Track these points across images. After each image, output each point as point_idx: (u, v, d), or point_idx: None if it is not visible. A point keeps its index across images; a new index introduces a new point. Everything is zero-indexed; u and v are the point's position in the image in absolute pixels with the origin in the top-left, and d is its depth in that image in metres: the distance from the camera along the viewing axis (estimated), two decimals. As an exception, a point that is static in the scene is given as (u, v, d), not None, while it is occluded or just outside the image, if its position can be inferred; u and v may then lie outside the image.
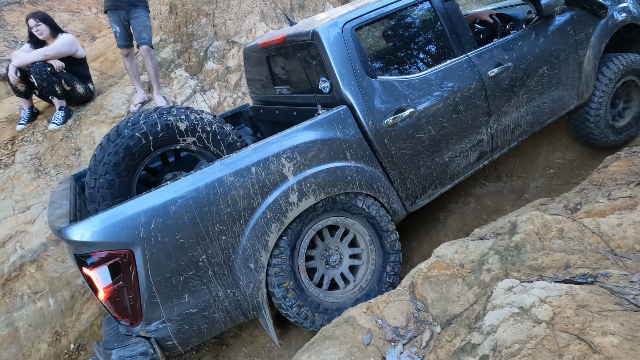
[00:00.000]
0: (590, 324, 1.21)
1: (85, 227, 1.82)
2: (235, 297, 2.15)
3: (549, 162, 4.09)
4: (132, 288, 1.91)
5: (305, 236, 2.36)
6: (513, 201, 3.80)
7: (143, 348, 1.97)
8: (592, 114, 3.44)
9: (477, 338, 1.32)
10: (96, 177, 2.18)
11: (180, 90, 4.68)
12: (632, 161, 2.52)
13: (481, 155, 2.92)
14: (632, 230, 1.65)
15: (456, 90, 2.64)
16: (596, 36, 3.22)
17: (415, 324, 1.80)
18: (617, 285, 1.39)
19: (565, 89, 3.19)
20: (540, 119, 3.16)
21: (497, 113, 2.85)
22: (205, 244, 2.01)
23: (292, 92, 2.95)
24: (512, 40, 2.91)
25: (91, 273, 1.84)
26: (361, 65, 2.43)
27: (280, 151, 2.17)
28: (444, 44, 2.71)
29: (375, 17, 2.53)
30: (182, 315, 2.03)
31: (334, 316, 2.29)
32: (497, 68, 2.79)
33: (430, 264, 2.04)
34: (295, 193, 2.18)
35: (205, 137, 2.35)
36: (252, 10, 5.54)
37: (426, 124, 2.57)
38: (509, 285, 1.49)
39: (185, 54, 5.06)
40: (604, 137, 3.56)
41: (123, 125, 2.23)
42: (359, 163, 2.40)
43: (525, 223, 1.87)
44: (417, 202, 2.74)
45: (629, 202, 1.99)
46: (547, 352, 1.16)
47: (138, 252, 1.88)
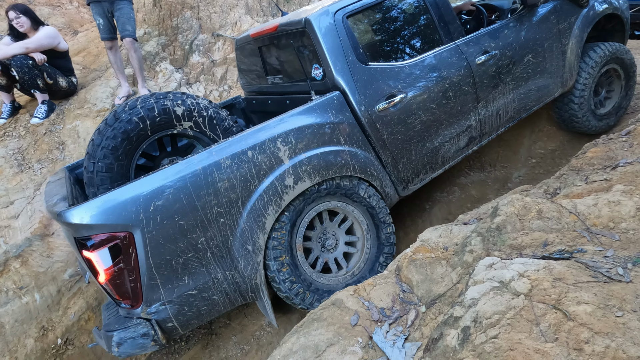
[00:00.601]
0: (565, 294, 1.26)
1: (85, 210, 1.84)
2: (234, 279, 2.18)
3: (531, 152, 4.19)
4: (132, 270, 1.93)
5: (306, 215, 2.42)
6: (497, 190, 3.88)
7: (144, 329, 2.00)
8: (576, 101, 3.54)
9: (459, 311, 1.36)
10: (95, 161, 2.20)
11: (166, 84, 4.65)
12: (608, 147, 2.60)
13: (470, 140, 2.99)
14: (607, 209, 1.72)
15: (445, 77, 2.71)
16: (578, 25, 3.33)
17: (401, 304, 1.85)
18: (592, 260, 1.45)
19: (550, 77, 3.29)
20: (527, 105, 3.25)
21: (485, 99, 2.93)
22: (203, 227, 2.04)
23: (285, 81, 2.99)
24: (498, 29, 2.99)
25: (91, 255, 1.86)
26: (353, 52, 2.48)
27: (276, 135, 2.22)
28: (432, 32, 2.78)
29: (365, 5, 2.60)
30: (182, 297, 2.06)
31: (323, 297, 2.35)
32: (484, 55, 2.86)
33: (415, 248, 2.09)
34: (291, 176, 2.23)
35: (201, 122, 2.39)
36: (237, 3, 5.52)
37: (417, 110, 2.63)
38: (490, 262, 1.54)
39: (170, 47, 5.02)
40: (586, 121, 3.66)
41: (121, 110, 2.25)
42: (352, 147, 2.45)
43: (506, 205, 1.92)
44: (409, 187, 2.81)
45: (605, 184, 2.06)
46: (525, 321, 1.21)
47: (138, 234, 1.91)
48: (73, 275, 3.45)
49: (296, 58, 2.72)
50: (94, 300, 3.50)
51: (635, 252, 1.50)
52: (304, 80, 2.72)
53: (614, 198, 1.76)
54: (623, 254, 1.49)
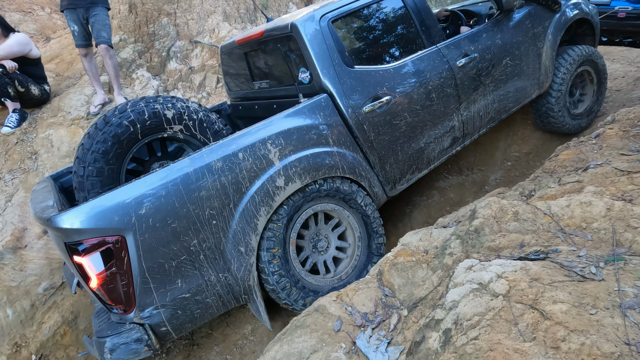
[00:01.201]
0: (542, 294, 1.30)
1: (75, 215, 1.82)
2: (227, 281, 2.18)
3: (507, 155, 4.29)
4: (125, 274, 1.91)
5: (303, 212, 2.44)
6: (474, 193, 3.96)
7: (137, 334, 1.97)
8: (553, 101, 3.68)
9: (440, 314, 1.38)
10: (85, 165, 2.19)
11: (143, 91, 4.59)
12: (579, 149, 2.69)
13: (454, 141, 3.08)
14: (579, 210, 1.77)
15: (428, 79, 2.79)
16: (552, 30, 3.49)
17: (384, 309, 1.86)
18: (566, 260, 1.50)
19: (527, 79, 3.42)
20: (506, 107, 3.36)
21: (466, 101, 3.03)
22: (196, 229, 2.04)
23: (272, 86, 3.02)
24: (476, 33, 3.10)
25: (83, 260, 1.84)
26: (339, 55, 2.54)
27: (266, 137, 2.25)
28: (415, 36, 2.87)
29: (350, 10, 2.67)
30: (175, 301, 2.05)
31: (309, 296, 2.37)
32: (465, 58, 2.96)
33: (396, 252, 2.11)
34: (282, 177, 2.26)
35: (192, 125, 2.40)
36: (215, 10, 5.50)
37: (402, 111, 2.70)
38: (469, 264, 1.57)
39: (146, 54, 4.96)
40: (562, 120, 3.79)
41: (110, 113, 2.25)
42: (341, 148, 2.50)
43: (483, 208, 1.96)
44: (396, 187, 2.86)
45: (577, 186, 2.13)
46: (504, 322, 1.23)
47: (130, 237, 1.89)
48: (48, 289, 3.35)
49: (283, 62, 2.76)
50: (70, 314, 3.40)
51: (606, 251, 1.55)
52: (291, 84, 2.75)
53: (585, 199, 1.81)
54: (595, 253, 1.54)
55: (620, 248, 1.54)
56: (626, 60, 5.92)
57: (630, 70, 5.29)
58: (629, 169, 2.11)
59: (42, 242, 3.51)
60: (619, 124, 2.91)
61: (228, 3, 5.70)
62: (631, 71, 5.22)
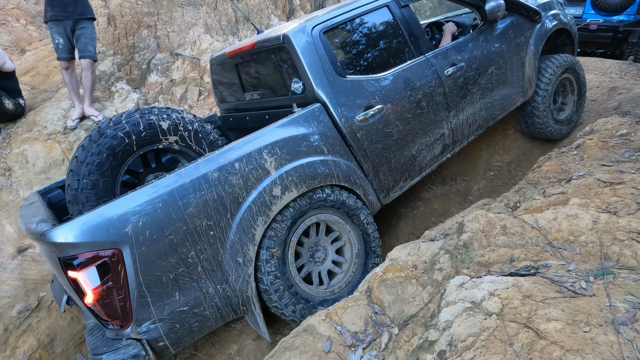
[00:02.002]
0: (535, 312, 1.29)
1: (70, 229, 1.78)
2: (225, 293, 2.15)
3: (489, 165, 4.34)
4: (121, 288, 1.86)
5: (307, 219, 2.45)
6: (459, 203, 3.98)
7: (135, 350, 1.91)
8: (540, 108, 3.80)
9: (434, 335, 1.36)
10: (79, 178, 2.16)
11: (122, 104, 4.49)
12: (562, 160, 2.73)
13: (444, 148, 3.13)
14: (566, 223, 1.78)
15: (418, 88, 2.85)
16: (533, 39, 3.62)
17: (374, 327, 1.82)
18: (556, 275, 1.49)
19: (512, 87, 3.52)
20: (493, 114, 3.44)
21: (455, 109, 3.09)
22: (193, 240, 2.01)
23: (264, 97, 3.03)
24: (463, 43, 3.19)
25: (78, 275, 1.79)
26: (331, 65, 2.57)
27: (262, 147, 2.25)
28: (403, 46, 2.94)
29: (340, 21, 2.71)
30: (173, 314, 2.00)
31: (300, 303, 2.35)
32: (452, 67, 3.03)
33: (385, 268, 2.08)
34: (279, 186, 2.26)
35: (187, 136, 2.39)
36: (196, 22, 5.45)
37: (394, 119, 2.74)
38: (460, 281, 1.55)
39: (126, 66, 4.86)
40: (548, 125, 3.90)
41: (105, 125, 2.23)
42: (335, 157, 2.52)
43: (471, 222, 1.96)
44: (390, 194, 2.89)
45: (562, 197, 2.15)
46: (499, 342, 1.21)
47: (127, 250, 1.85)
48: (22, 311, 3.20)
49: (275, 73, 2.77)
50: (46, 337, 3.26)
51: (595, 264, 1.55)
52: (283, 94, 2.77)
53: (571, 212, 1.83)
54: (584, 267, 1.54)
55: (608, 261, 1.55)
56: (599, 71, 6.11)
57: (604, 80, 5.45)
58: (611, 180, 2.14)
59: (16, 262, 3.37)
60: (597, 134, 2.97)
61: (209, 15, 5.67)
62: (605, 81, 5.38)
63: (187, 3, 5.49)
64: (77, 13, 3.85)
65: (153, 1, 5.21)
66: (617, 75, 5.85)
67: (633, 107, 4.04)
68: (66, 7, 3.81)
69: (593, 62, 6.50)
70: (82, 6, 3.92)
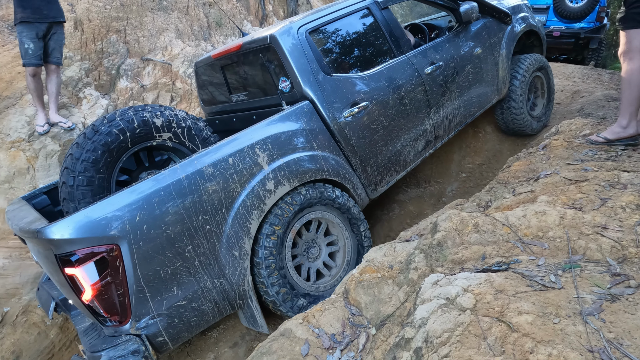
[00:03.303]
0: (507, 306, 1.31)
1: (67, 225, 1.77)
2: (223, 287, 2.17)
3: (461, 167, 4.43)
4: (120, 283, 1.87)
5: (313, 212, 2.54)
6: (433, 205, 4.04)
7: (134, 346, 1.91)
8: (516, 104, 3.98)
9: (410, 332, 1.36)
10: (75, 175, 2.18)
11: (91, 111, 4.37)
12: (530, 160, 2.81)
13: (427, 144, 3.25)
14: (535, 219, 1.83)
15: (400, 85, 2.96)
16: (505, 40, 3.81)
17: (351, 328, 1.82)
18: (527, 270, 1.53)
19: (487, 85, 3.68)
20: (470, 111, 3.59)
21: (436, 106, 3.22)
22: (190, 234, 2.04)
23: (251, 97, 3.08)
24: (440, 43, 3.33)
25: (76, 271, 1.79)
26: (317, 64, 2.65)
27: (254, 142, 2.31)
28: (385, 46, 3.05)
29: (325, 22, 2.82)
30: (171, 309, 2.01)
31: (286, 287, 2.39)
32: (432, 66, 3.16)
33: (361, 269, 2.08)
34: (272, 181, 2.32)
35: (180, 133, 2.44)
36: (167, 27, 5.37)
37: (379, 116, 2.84)
38: (435, 279, 1.57)
39: (94, 72, 4.74)
40: (525, 120, 4.09)
41: (99, 122, 2.26)
42: (325, 152, 2.60)
43: (444, 222, 1.99)
44: (377, 189, 2.98)
45: (530, 195, 2.21)
46: (473, 337, 1.23)
47: (124, 246, 1.86)
48: (-16, 328, 3.05)
49: (262, 73, 2.84)
50: (10, 355, 3.11)
51: (563, 258, 1.60)
52: (270, 94, 2.84)
53: (540, 208, 1.88)
54: (553, 261, 1.59)
55: (575, 255, 1.60)
56: (563, 75, 6.36)
57: (567, 84, 5.67)
58: (576, 177, 2.22)
59: (-23, 276, 3.21)
60: (563, 135, 3.09)
61: (181, 20, 5.60)
62: (568, 85, 5.60)
63: (157, 8, 5.41)
64: (50, 16, 3.71)
65: (122, 6, 5.11)
66: (580, 80, 6.10)
67: (595, 109, 4.22)
68: (39, 9, 3.65)
69: (557, 67, 6.76)
70: (56, 9, 3.79)
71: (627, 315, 1.24)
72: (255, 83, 3.02)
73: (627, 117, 2.55)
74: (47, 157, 3.85)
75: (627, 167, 2.21)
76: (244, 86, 3.12)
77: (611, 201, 1.85)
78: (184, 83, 5.00)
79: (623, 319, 1.23)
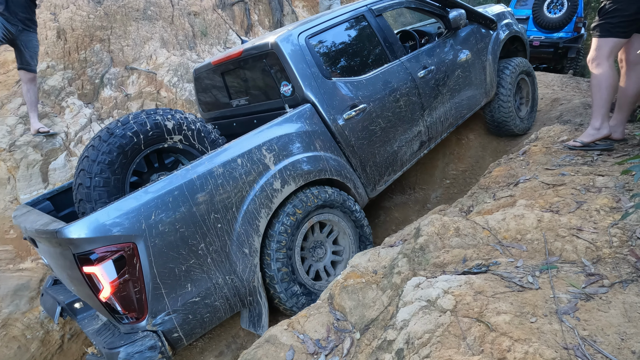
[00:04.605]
0: (486, 306, 1.34)
1: (86, 224, 1.83)
2: (234, 283, 2.24)
3: (445, 174, 4.50)
4: (137, 281, 1.94)
5: (322, 214, 2.66)
6: (417, 211, 4.09)
7: (151, 342, 1.97)
8: (505, 105, 4.14)
9: (392, 334, 1.38)
10: (91, 176, 2.26)
11: (74, 120, 4.33)
12: (510, 166, 2.88)
13: (421, 144, 3.38)
14: (514, 223, 1.88)
15: (396, 88, 3.09)
16: (492, 45, 3.99)
17: (336, 333, 1.83)
18: (505, 271, 1.57)
19: (476, 88, 3.84)
20: (461, 113, 3.74)
21: (429, 108, 3.36)
22: (203, 233, 2.12)
23: (252, 102, 3.15)
24: (431, 48, 3.48)
25: (95, 269, 1.85)
26: (317, 68, 2.76)
27: (261, 143, 2.40)
28: (380, 51, 3.19)
29: (322, 28, 2.94)
30: (186, 305, 2.08)
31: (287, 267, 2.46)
32: (424, 70, 3.30)
33: (346, 274, 2.10)
34: (279, 180, 2.41)
35: (190, 135, 2.54)
36: (152, 36, 5.37)
37: (376, 117, 2.96)
38: (417, 282, 1.59)
39: (77, 81, 4.70)
40: (514, 119, 4.24)
41: (114, 125, 2.36)
42: (327, 153, 2.71)
43: (427, 226, 2.02)
44: (376, 188, 3.09)
45: (510, 200, 2.26)
46: (453, 337, 1.25)
47: (141, 244, 1.93)
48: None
49: (262, 78, 2.93)
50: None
51: (540, 260, 1.64)
52: (271, 98, 2.94)
53: (518, 212, 1.93)
54: (531, 262, 1.63)
55: (552, 257, 1.64)
56: (543, 84, 6.52)
57: (547, 92, 5.82)
58: (553, 182, 2.28)
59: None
60: (541, 141, 3.17)
61: (166, 30, 5.60)
62: (548, 93, 5.75)
63: (142, 17, 5.41)
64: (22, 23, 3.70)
65: (106, 15, 5.10)
66: (559, 88, 6.26)
67: (573, 116, 4.33)
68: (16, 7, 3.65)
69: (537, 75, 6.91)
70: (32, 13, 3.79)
71: (601, 313, 1.28)
72: (256, 88, 3.11)
73: (600, 119, 2.65)
74: (29, 167, 3.79)
75: (602, 172, 2.28)
76: (245, 91, 3.21)
77: (586, 204, 1.91)
78: (168, 92, 4.99)
79: (597, 317, 1.27)
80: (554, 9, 8.44)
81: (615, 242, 1.61)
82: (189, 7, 6.03)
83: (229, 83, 3.29)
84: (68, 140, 4.17)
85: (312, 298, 2.51)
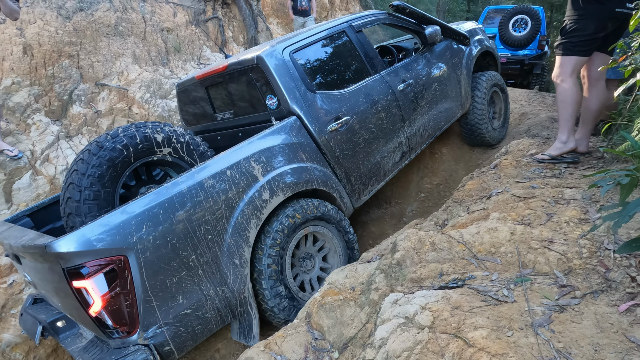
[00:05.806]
0: (463, 322, 1.34)
1: (76, 238, 1.80)
2: (224, 294, 2.24)
3: (420, 188, 4.55)
4: (128, 294, 1.91)
5: (319, 226, 2.70)
6: (394, 225, 4.11)
7: (143, 355, 1.93)
8: (480, 116, 4.29)
9: (370, 353, 1.36)
10: (81, 190, 2.25)
11: (40, 137, 4.18)
12: (482, 179, 2.93)
13: (403, 155, 3.47)
14: (488, 236, 1.90)
15: (377, 101, 3.18)
16: (465, 60, 4.16)
17: (314, 353, 1.79)
18: (481, 285, 1.58)
19: (452, 101, 3.99)
20: (439, 125, 3.86)
21: (409, 120, 3.46)
22: (193, 244, 2.11)
23: (236, 115, 3.18)
24: (409, 63, 3.61)
25: (86, 283, 1.82)
26: (302, 82, 2.82)
27: (249, 155, 2.42)
28: (361, 65, 3.29)
29: (306, 43, 3.02)
30: (177, 317, 2.06)
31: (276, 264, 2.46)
32: (404, 84, 3.42)
33: (323, 292, 2.07)
34: (267, 191, 2.43)
35: (179, 148, 2.56)
36: (123, 52, 5.29)
37: (360, 129, 3.04)
38: (395, 298, 1.58)
39: (44, 97, 4.56)
40: (489, 131, 4.40)
41: (103, 139, 2.36)
42: (313, 164, 2.75)
43: (403, 241, 2.03)
44: (361, 198, 3.15)
45: (483, 213, 2.30)
46: (432, 354, 1.24)
47: (132, 256, 1.91)
48: None
49: (247, 92, 2.95)
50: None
51: (514, 273, 1.66)
52: (256, 112, 2.98)
53: (492, 225, 1.96)
54: (505, 275, 1.65)
55: (525, 269, 1.67)
56: (511, 99, 6.74)
57: (515, 107, 6.01)
58: (524, 195, 2.34)
59: None
60: (511, 154, 3.25)
61: (138, 46, 5.53)
62: (516, 108, 5.94)
63: (113, 33, 5.32)
64: None
65: (75, 30, 4.99)
66: (526, 102, 6.49)
67: (540, 130, 4.48)
68: None
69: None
70: None
71: (574, 324, 1.30)
72: (241, 101, 3.13)
73: (566, 133, 2.74)
74: (-9, 187, 3.63)
75: (569, 184, 2.35)
76: (229, 105, 3.23)
77: (556, 216, 1.96)
78: (140, 108, 4.90)
79: (571, 328, 1.29)
80: (519, 28, 8.80)
81: (585, 254, 1.65)
82: (162, 23, 5.98)
83: (213, 97, 3.32)
84: (34, 158, 4.02)
85: (294, 304, 2.51)
